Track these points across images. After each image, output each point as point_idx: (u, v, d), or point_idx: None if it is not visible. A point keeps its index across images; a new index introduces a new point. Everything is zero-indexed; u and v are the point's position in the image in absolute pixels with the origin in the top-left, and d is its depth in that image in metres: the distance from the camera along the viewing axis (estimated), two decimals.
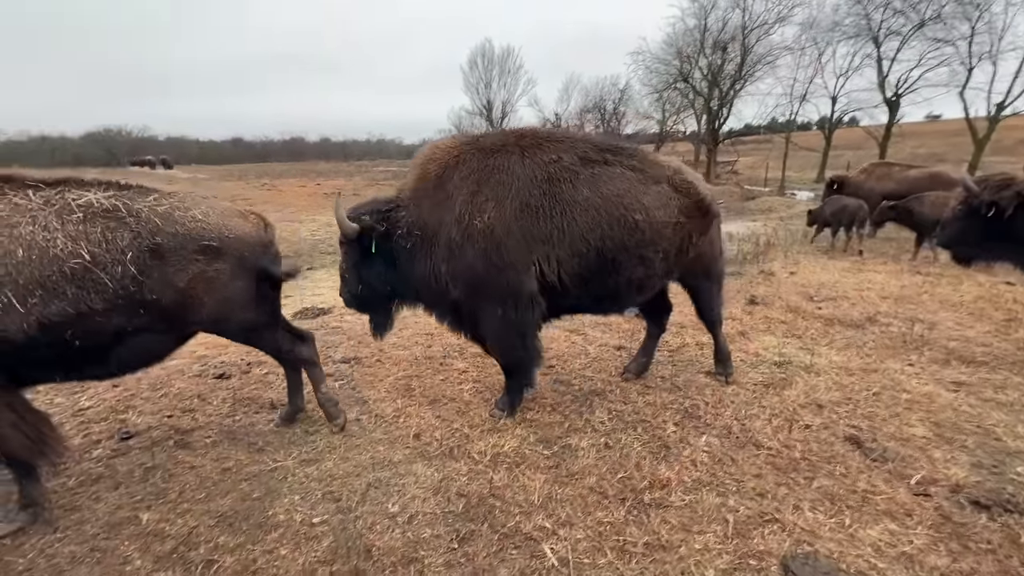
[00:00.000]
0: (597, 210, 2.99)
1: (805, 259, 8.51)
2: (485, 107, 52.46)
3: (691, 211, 3.26)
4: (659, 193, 3.17)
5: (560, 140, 3.21)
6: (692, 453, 2.83)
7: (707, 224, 3.42)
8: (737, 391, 3.58)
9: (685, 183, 3.29)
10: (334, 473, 2.71)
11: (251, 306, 2.73)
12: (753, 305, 5.62)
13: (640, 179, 3.15)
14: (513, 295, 2.98)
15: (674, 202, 3.20)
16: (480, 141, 3.19)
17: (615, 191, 3.05)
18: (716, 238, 3.58)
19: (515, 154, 3.05)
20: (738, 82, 33.78)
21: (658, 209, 3.13)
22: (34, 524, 2.33)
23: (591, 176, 3.05)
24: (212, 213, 2.61)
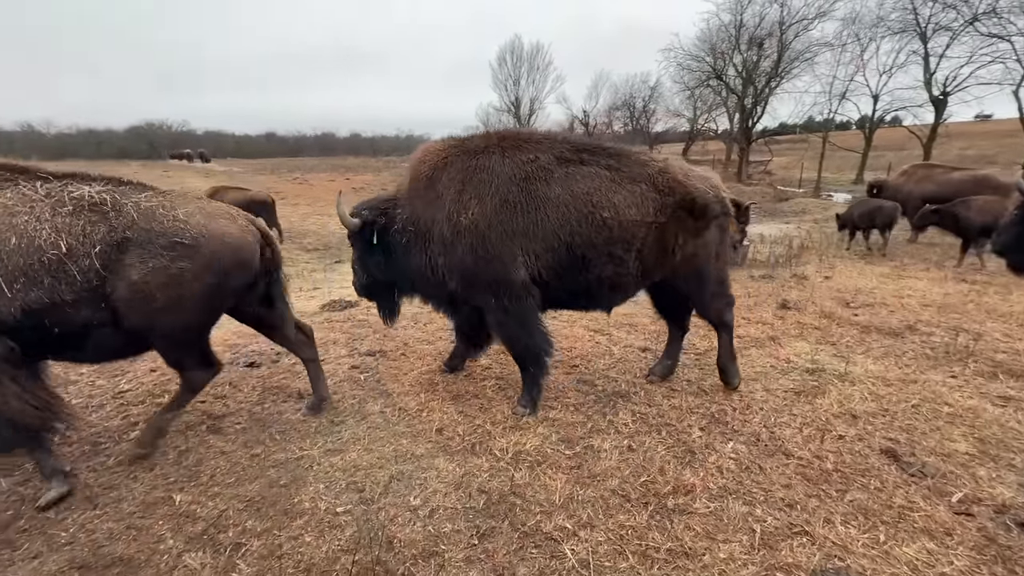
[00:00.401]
0: (567, 207, 3.09)
1: (841, 263, 8.21)
2: (513, 104, 52.39)
3: (675, 211, 3.20)
4: (634, 192, 3.17)
5: (539, 141, 3.32)
6: (718, 459, 2.76)
7: (700, 226, 3.27)
8: (767, 398, 3.48)
9: (670, 183, 3.21)
10: (358, 464, 2.75)
11: (202, 310, 2.68)
12: (785, 310, 5.45)
13: (614, 178, 3.19)
14: (504, 284, 3.13)
15: (651, 201, 3.17)
16: (466, 143, 3.34)
17: (585, 189, 3.13)
18: (715, 241, 3.38)
19: (496, 155, 3.21)
20: (774, 79, 32.79)
21: (630, 208, 3.14)
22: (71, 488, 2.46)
23: (565, 175, 3.16)
24: (197, 214, 2.61)
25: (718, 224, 3.37)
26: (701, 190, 3.27)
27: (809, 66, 31.36)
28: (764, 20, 31.86)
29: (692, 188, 3.25)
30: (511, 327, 3.27)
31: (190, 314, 2.62)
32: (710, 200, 3.28)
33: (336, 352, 4.31)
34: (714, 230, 3.35)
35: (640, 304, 5.74)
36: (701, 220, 3.27)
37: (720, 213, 3.36)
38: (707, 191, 3.29)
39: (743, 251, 8.25)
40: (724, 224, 3.42)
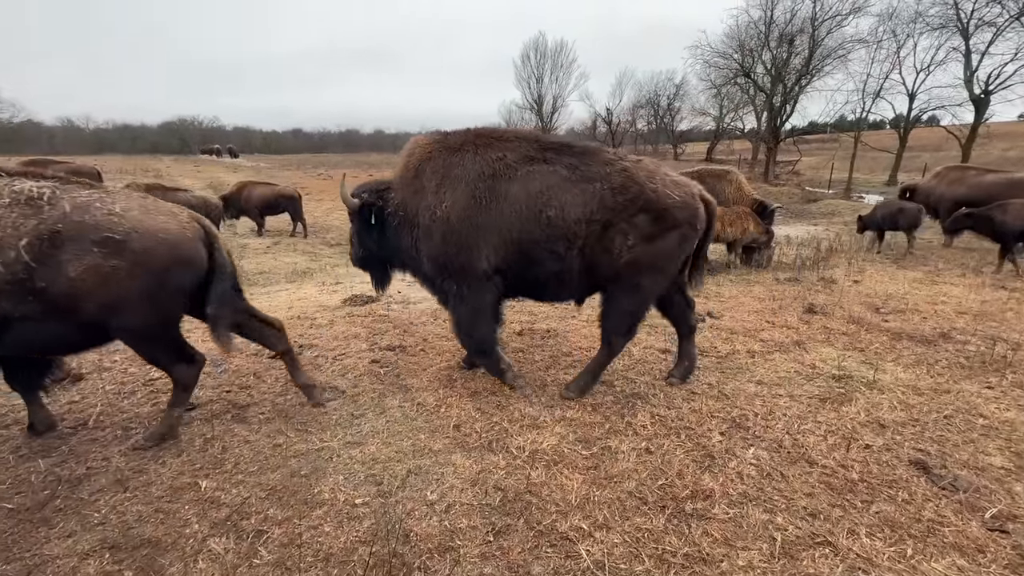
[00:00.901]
0: (521, 204, 3.22)
1: (871, 267, 7.97)
2: (536, 101, 52.22)
3: (624, 211, 3.15)
4: (585, 190, 3.19)
5: (510, 140, 3.44)
6: (739, 465, 2.72)
7: (654, 231, 3.16)
8: (790, 404, 3.41)
9: (625, 183, 3.17)
10: (376, 457, 2.79)
11: (149, 308, 2.61)
12: (811, 314, 5.32)
13: (570, 177, 3.24)
14: (466, 274, 3.36)
15: (599, 200, 3.16)
16: (448, 139, 3.53)
17: (538, 187, 3.22)
18: (669, 253, 3.25)
19: (470, 152, 3.38)
20: (804, 77, 31.93)
21: (576, 206, 3.17)
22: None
23: (526, 173, 3.27)
24: (135, 210, 2.55)
25: (680, 234, 3.22)
26: (662, 193, 3.16)
27: (842, 63, 30.46)
28: (795, 16, 31.06)
29: (650, 190, 3.16)
30: (464, 315, 3.50)
31: (138, 312, 2.57)
32: (670, 205, 3.16)
33: (357, 346, 4.38)
34: (672, 240, 3.21)
35: None
36: (656, 225, 3.17)
37: (684, 222, 3.20)
38: (670, 196, 3.17)
39: (768, 253, 8.08)
40: (687, 235, 3.24)
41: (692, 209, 3.24)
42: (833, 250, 9.32)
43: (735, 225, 7.55)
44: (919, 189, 10.53)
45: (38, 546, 2.14)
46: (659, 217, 3.16)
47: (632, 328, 3.48)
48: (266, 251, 11.20)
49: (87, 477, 2.59)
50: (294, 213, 13.97)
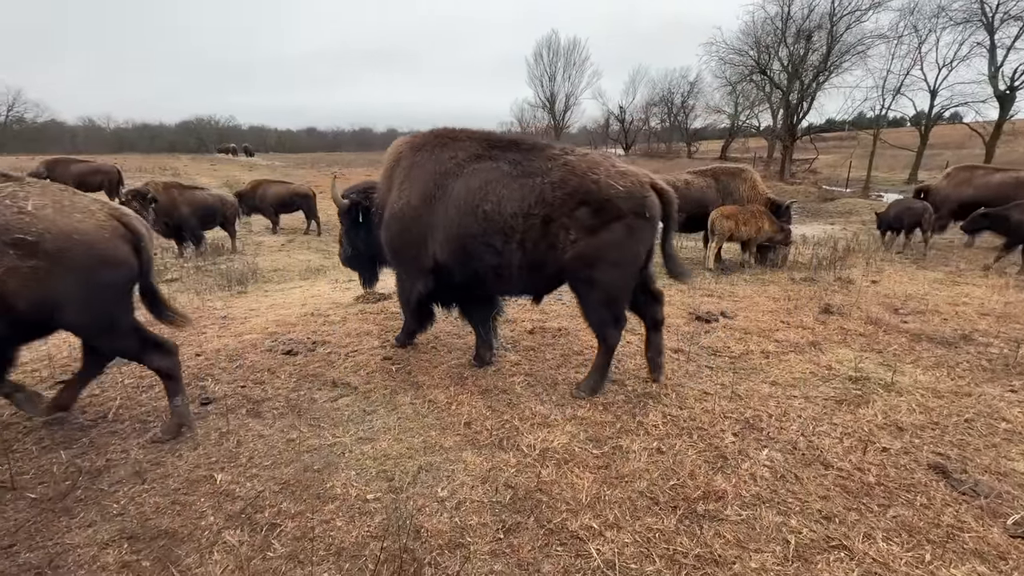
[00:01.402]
0: (463, 200, 3.31)
1: (890, 267, 7.82)
2: (548, 99, 52.08)
3: (564, 204, 3.12)
4: (523, 185, 3.20)
5: (463, 139, 3.54)
6: (752, 467, 2.68)
7: (596, 224, 3.09)
8: (805, 405, 3.36)
9: (565, 176, 3.15)
10: (388, 453, 2.81)
11: (84, 309, 2.58)
12: (827, 314, 5.23)
13: (511, 172, 3.26)
14: (413, 266, 3.69)
15: (536, 194, 3.16)
16: (415, 139, 3.73)
17: (479, 184, 3.29)
18: (617, 244, 3.13)
19: (428, 151, 3.56)
20: (822, 74, 31.45)
21: (512, 201, 3.19)
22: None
23: (471, 171, 3.36)
24: (48, 208, 2.47)
25: (626, 225, 3.10)
26: (603, 184, 3.08)
27: (861, 59, 29.93)
28: (813, 12, 30.57)
29: (591, 182, 3.09)
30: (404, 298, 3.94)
31: (74, 311, 2.55)
32: (612, 196, 3.07)
33: (369, 343, 4.41)
34: (618, 231, 3.10)
35: (673, 305, 5.63)
36: (598, 217, 3.09)
37: (629, 212, 3.08)
38: (613, 187, 3.08)
39: (784, 252, 7.96)
40: (634, 225, 3.12)
41: (638, 198, 3.12)
42: (851, 250, 9.16)
43: (749, 224, 7.46)
44: (932, 191, 10.46)
45: (60, 535, 2.19)
46: (600, 209, 3.08)
47: (615, 320, 3.39)
48: (280, 248, 11.34)
49: (107, 469, 2.65)
50: (308, 211, 14.13)
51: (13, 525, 2.25)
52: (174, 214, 9.61)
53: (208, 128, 64.93)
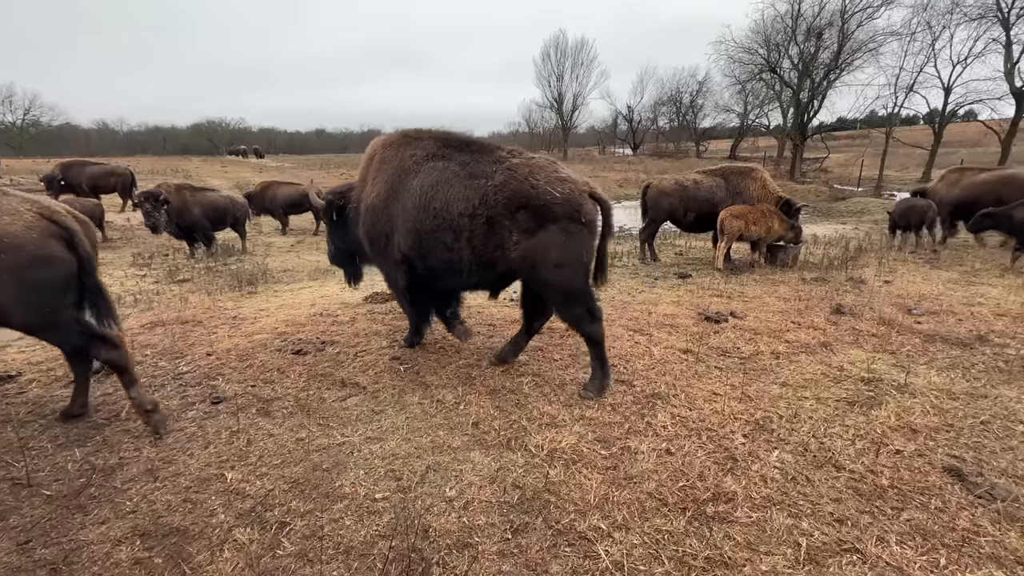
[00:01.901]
0: (416, 197, 3.51)
1: (903, 267, 7.71)
2: (556, 100, 51.97)
3: (505, 207, 3.25)
4: (469, 186, 3.36)
5: (425, 139, 3.72)
6: (762, 468, 2.66)
7: (533, 226, 3.21)
8: (816, 407, 3.32)
9: (506, 180, 3.27)
10: (396, 452, 2.82)
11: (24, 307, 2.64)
12: (839, 315, 5.17)
13: (459, 173, 3.43)
14: (388, 257, 3.87)
15: (480, 196, 3.30)
16: (388, 139, 3.95)
17: (431, 182, 3.47)
18: (556, 245, 3.22)
19: (394, 149, 3.80)
20: (833, 72, 31.10)
21: (459, 201, 3.35)
22: None
23: (427, 169, 3.55)
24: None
25: (562, 228, 3.20)
26: (541, 190, 3.21)
27: (873, 57, 29.55)
28: (824, 9, 30.22)
29: (529, 187, 3.22)
30: (395, 289, 4.18)
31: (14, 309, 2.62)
32: (548, 201, 3.19)
33: (377, 343, 4.43)
34: (555, 233, 3.21)
35: (682, 305, 5.60)
36: (535, 219, 3.21)
37: (564, 217, 3.20)
38: (550, 192, 3.20)
39: (794, 252, 7.89)
40: (570, 229, 3.23)
41: (574, 205, 3.23)
42: (862, 249, 9.06)
43: (759, 224, 7.39)
44: (928, 193, 10.65)
45: (74, 532, 2.23)
46: (537, 212, 3.21)
47: (587, 313, 3.43)
48: (290, 249, 11.43)
49: (120, 467, 2.69)
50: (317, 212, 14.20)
51: (29, 521, 2.28)
52: (186, 215, 9.71)
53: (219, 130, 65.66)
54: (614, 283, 6.89)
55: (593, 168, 38.96)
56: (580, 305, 3.42)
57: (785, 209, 7.72)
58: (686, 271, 7.55)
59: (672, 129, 58.33)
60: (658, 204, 8.37)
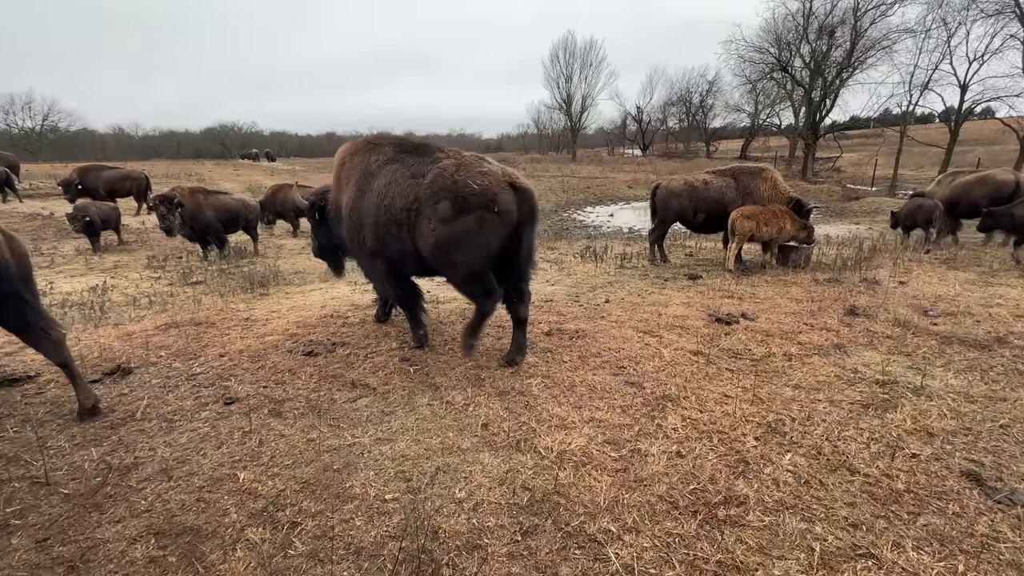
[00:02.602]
0: (375, 196, 3.96)
1: (919, 268, 7.58)
2: (564, 101, 51.91)
3: (432, 199, 3.67)
4: (409, 184, 3.81)
5: (384, 145, 4.18)
6: (774, 472, 2.63)
7: (451, 215, 3.60)
8: (830, 409, 3.27)
9: (436, 177, 3.70)
10: (406, 454, 2.83)
11: None
12: (853, 316, 5.10)
13: (404, 173, 3.88)
14: (362, 251, 4.28)
15: (415, 192, 3.75)
16: (355, 145, 4.39)
17: (384, 183, 3.93)
18: (470, 231, 3.59)
19: (361, 155, 4.24)
20: (846, 70, 30.72)
21: (401, 197, 3.81)
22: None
23: (384, 171, 3.99)
24: None
25: (477, 217, 3.58)
26: (462, 183, 3.61)
27: (887, 55, 29.13)
28: (836, 7, 29.85)
29: (451, 181, 3.64)
30: (375, 279, 4.63)
31: None
32: (467, 193, 3.59)
33: (387, 345, 4.45)
34: (469, 221, 3.59)
35: (692, 307, 5.56)
36: (453, 209, 3.59)
37: (479, 207, 3.57)
38: (469, 185, 3.60)
39: (806, 253, 7.80)
40: (484, 217, 3.59)
41: (490, 195, 3.59)
42: (877, 250, 8.93)
43: (771, 224, 7.32)
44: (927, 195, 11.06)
45: (91, 530, 2.26)
46: (455, 202, 3.59)
47: (483, 292, 3.82)
48: (301, 251, 11.53)
49: (135, 466, 2.73)
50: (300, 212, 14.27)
51: (47, 519, 2.33)
52: (199, 218, 9.85)
53: (231, 134, 66.46)
54: (623, 284, 6.86)
55: (602, 169, 38.86)
56: (474, 284, 3.86)
57: (796, 209, 7.64)
58: (696, 272, 7.50)
59: (682, 129, 57.98)
60: (667, 205, 8.33)
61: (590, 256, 9.31)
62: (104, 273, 8.73)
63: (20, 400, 3.46)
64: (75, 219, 10.20)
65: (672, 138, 59.29)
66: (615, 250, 9.95)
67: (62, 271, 8.93)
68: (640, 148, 57.79)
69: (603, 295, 6.24)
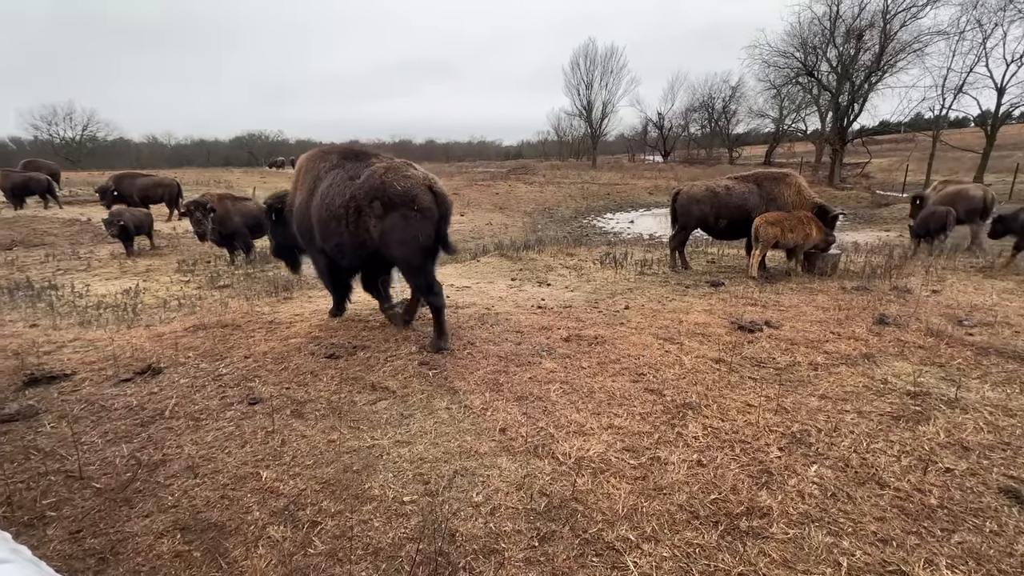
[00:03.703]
0: (321, 196, 4.55)
1: (953, 276, 7.32)
2: (585, 108, 51.88)
3: (364, 199, 4.28)
4: (346, 185, 4.40)
5: (332, 153, 4.81)
6: (799, 483, 2.56)
7: (382, 212, 4.22)
8: (858, 420, 3.18)
9: (368, 178, 4.30)
10: (424, 456, 2.85)
11: None
12: (882, 325, 4.95)
13: (344, 176, 4.47)
14: (313, 246, 4.98)
15: (351, 191, 4.34)
16: (311, 154, 4.99)
17: (328, 184, 4.53)
18: (398, 226, 4.23)
19: (314, 162, 4.87)
20: (875, 74, 29.95)
21: (340, 196, 4.40)
22: None
23: (329, 176, 4.59)
24: None
25: (401, 214, 4.19)
26: (388, 184, 4.21)
27: (918, 58, 28.32)
28: (864, 10, 29.21)
29: (380, 182, 4.24)
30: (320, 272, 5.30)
31: None
32: (392, 193, 4.19)
33: (407, 348, 4.50)
34: (396, 217, 4.21)
35: (714, 314, 5.47)
36: (382, 208, 4.23)
37: (402, 204, 4.19)
38: (394, 186, 4.20)
39: (833, 260, 7.60)
40: (407, 215, 4.20)
41: (411, 195, 4.19)
42: (908, 257, 8.65)
43: (796, 231, 7.17)
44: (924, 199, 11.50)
45: (120, 523, 2.34)
46: (384, 201, 4.21)
47: (426, 285, 4.49)
48: None
49: (163, 463, 2.81)
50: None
51: (80, 512, 2.41)
52: (227, 223, 10.13)
53: (259, 143, 68.26)
54: (643, 291, 6.80)
55: (623, 175, 38.65)
56: (421, 277, 4.46)
57: (821, 216, 7.47)
58: (718, 279, 7.38)
59: (704, 135, 57.34)
60: (689, 211, 8.24)
61: (610, 262, 9.26)
62: (137, 276, 9.05)
63: (57, 397, 3.60)
64: (111, 224, 10.61)
65: (694, 144, 58.67)
66: (635, 256, 9.86)
67: (98, 274, 9.28)
68: (661, 154, 57.33)
69: (623, 301, 6.19)
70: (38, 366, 4.08)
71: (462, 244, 14.97)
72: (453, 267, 9.60)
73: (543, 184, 31.90)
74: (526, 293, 7.02)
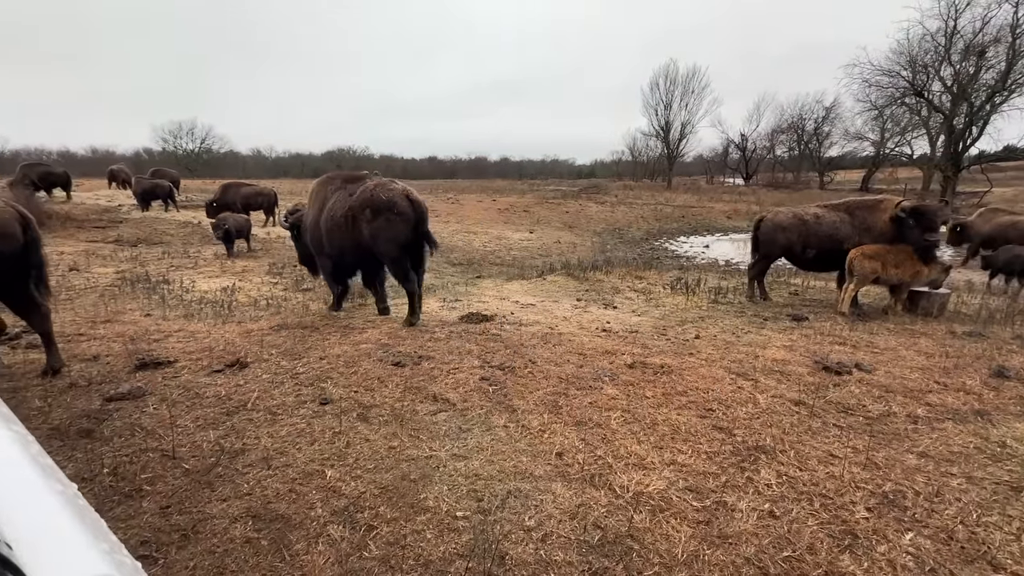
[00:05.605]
0: (328, 211, 5.90)
1: None
2: (662, 128, 50.84)
3: (358, 209, 5.60)
4: (345, 200, 5.74)
5: (337, 179, 6.18)
6: (890, 551, 2.27)
7: (370, 216, 5.52)
8: (967, 487, 2.78)
9: (360, 191, 5.66)
10: (479, 473, 2.85)
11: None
12: (1001, 379, 4.33)
13: (344, 195, 5.81)
14: (322, 252, 6.22)
15: (349, 204, 5.69)
16: (321, 179, 6.35)
17: (333, 201, 5.88)
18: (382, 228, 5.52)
19: (323, 184, 6.21)
20: (999, 94, 26.84)
21: (341, 208, 5.74)
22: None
23: (334, 196, 5.92)
24: None
25: (385, 217, 5.49)
26: (375, 196, 5.53)
27: None
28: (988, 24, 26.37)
29: (369, 194, 5.57)
30: (326, 274, 6.47)
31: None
32: (378, 203, 5.51)
33: (470, 362, 4.57)
34: (382, 220, 5.50)
35: (796, 351, 5.08)
36: (372, 213, 5.52)
37: (385, 210, 5.47)
38: (379, 198, 5.52)
39: (941, 300, 6.80)
40: (391, 218, 5.49)
41: (392, 202, 5.51)
42: None
43: (903, 267, 6.47)
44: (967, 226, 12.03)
45: (202, 504, 2.54)
46: (372, 208, 5.52)
47: (402, 274, 5.76)
48: None
49: (242, 452, 3.03)
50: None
51: (171, 489, 2.66)
52: None
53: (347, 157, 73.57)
54: (716, 320, 6.45)
55: (699, 198, 37.25)
56: (400, 267, 5.72)
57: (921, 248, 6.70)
58: (801, 313, 6.84)
59: (791, 158, 54.04)
60: (773, 239, 7.74)
61: (681, 288, 8.90)
62: (234, 276, 9.98)
63: (160, 381, 4.02)
64: (217, 228, 11.84)
65: (779, 167, 55.42)
66: (709, 283, 9.41)
67: (202, 272, 10.35)
68: (743, 177, 54.67)
69: (693, 330, 5.91)
70: (148, 352, 4.60)
71: (529, 261, 15.08)
72: (519, 284, 9.68)
73: (614, 204, 31.45)
74: (591, 315, 6.91)
